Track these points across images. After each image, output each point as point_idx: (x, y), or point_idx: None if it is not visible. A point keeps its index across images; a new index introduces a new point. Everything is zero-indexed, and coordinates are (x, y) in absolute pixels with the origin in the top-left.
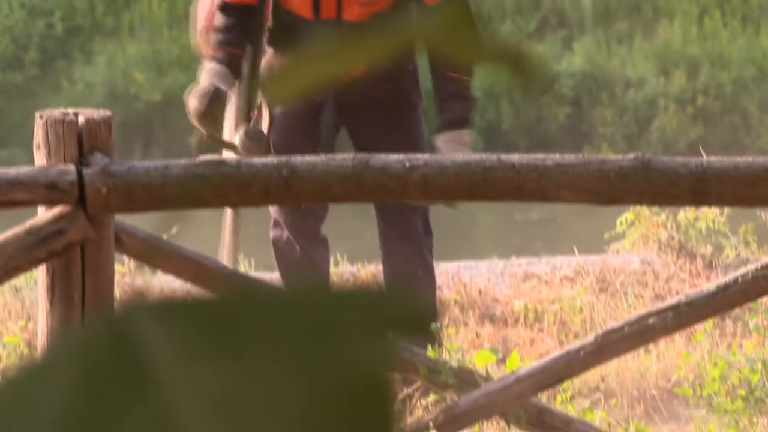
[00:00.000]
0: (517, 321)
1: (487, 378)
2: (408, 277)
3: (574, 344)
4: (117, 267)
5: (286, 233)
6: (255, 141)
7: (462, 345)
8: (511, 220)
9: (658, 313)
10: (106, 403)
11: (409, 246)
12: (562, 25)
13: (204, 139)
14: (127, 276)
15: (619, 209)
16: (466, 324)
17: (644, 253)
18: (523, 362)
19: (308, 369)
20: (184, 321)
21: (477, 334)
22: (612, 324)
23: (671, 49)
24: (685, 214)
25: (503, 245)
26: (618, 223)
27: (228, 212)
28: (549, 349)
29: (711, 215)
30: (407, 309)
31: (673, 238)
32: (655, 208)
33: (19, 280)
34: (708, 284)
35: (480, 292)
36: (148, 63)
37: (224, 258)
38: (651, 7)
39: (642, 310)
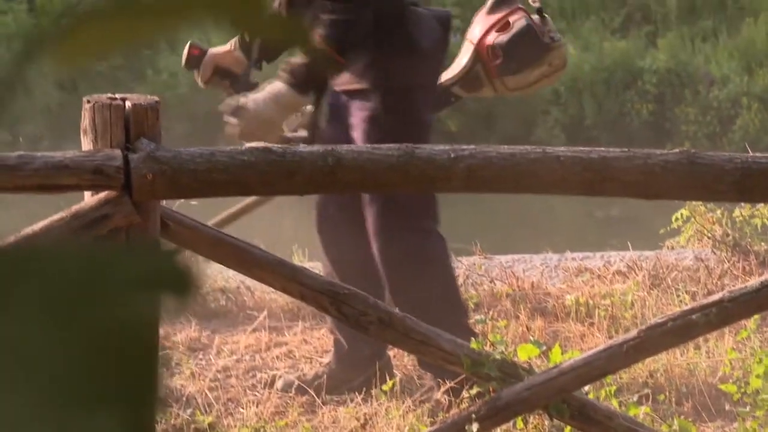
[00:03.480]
0: (567, 315)
1: (530, 371)
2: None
3: (618, 338)
4: None
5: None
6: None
7: (512, 338)
8: (590, 216)
9: (702, 308)
10: None
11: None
12: (647, 21)
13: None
14: None
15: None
16: (516, 317)
17: (698, 249)
18: (566, 355)
19: (71, 324)
20: None
21: (527, 328)
22: (656, 319)
23: (755, 47)
24: (741, 210)
25: (579, 241)
26: (673, 219)
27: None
28: (598, 343)
29: (767, 212)
30: (172, 269)
31: (727, 235)
32: (711, 204)
33: None
34: (752, 281)
35: (532, 285)
36: None
37: (216, 219)
38: (735, 4)
39: (686, 306)
